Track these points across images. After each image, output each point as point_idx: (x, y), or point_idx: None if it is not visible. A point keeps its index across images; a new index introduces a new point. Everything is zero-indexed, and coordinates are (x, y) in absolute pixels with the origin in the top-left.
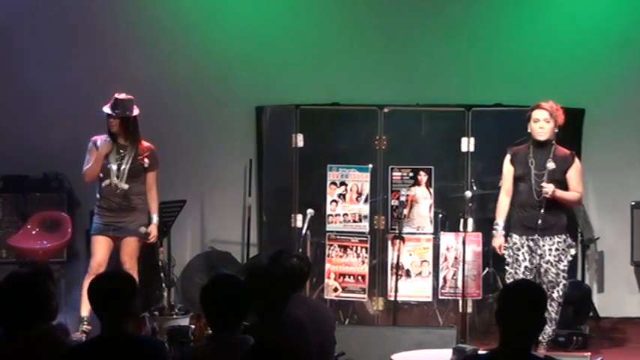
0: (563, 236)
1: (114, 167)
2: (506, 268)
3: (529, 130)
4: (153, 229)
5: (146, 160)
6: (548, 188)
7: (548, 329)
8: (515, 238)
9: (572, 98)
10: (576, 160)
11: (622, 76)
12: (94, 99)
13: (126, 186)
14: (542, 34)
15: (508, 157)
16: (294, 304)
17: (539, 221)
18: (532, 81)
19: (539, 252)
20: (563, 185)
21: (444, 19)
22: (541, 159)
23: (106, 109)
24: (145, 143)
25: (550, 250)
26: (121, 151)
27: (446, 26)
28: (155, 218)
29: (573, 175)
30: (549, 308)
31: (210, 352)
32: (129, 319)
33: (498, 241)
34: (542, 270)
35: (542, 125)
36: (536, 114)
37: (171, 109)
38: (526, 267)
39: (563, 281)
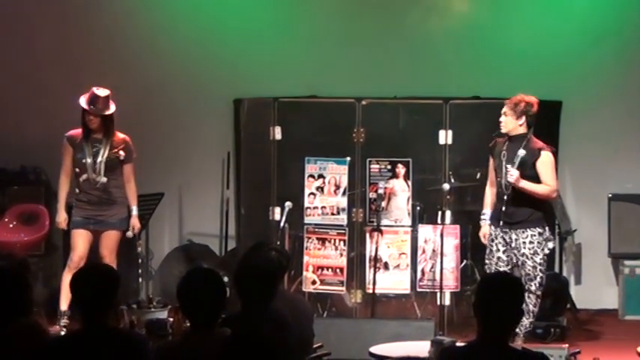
0: (539, 229)
1: (89, 161)
2: (487, 260)
3: None
4: (134, 222)
5: (121, 152)
6: (513, 172)
7: (526, 321)
8: (492, 229)
9: (550, 90)
10: (544, 153)
11: (599, 69)
12: (71, 92)
13: (104, 179)
14: (519, 27)
15: (490, 147)
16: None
17: (508, 214)
18: (510, 74)
19: (513, 245)
20: (534, 180)
21: (422, 12)
22: (512, 152)
23: (84, 104)
24: (120, 135)
25: (524, 243)
26: (96, 144)
27: (424, 19)
28: (135, 210)
29: (541, 168)
30: (527, 300)
31: (186, 347)
32: (111, 313)
33: (483, 230)
34: (519, 263)
35: (501, 119)
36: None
37: (148, 102)
38: (499, 257)
39: (540, 274)
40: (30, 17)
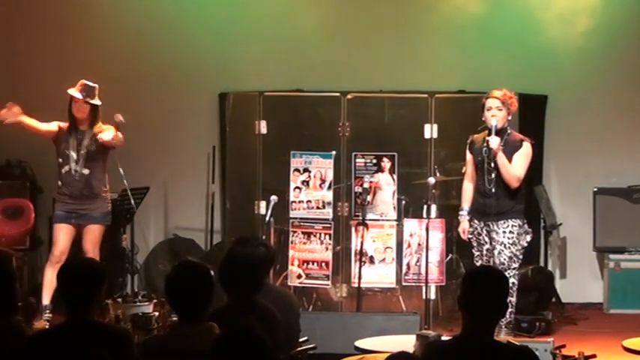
0: (519, 221)
1: (73, 154)
2: (473, 251)
3: (483, 119)
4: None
5: (100, 135)
6: (495, 139)
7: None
8: (475, 223)
9: (535, 85)
10: (525, 144)
11: (585, 63)
12: (56, 85)
13: (86, 171)
14: (505, 20)
15: (468, 144)
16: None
17: (491, 207)
18: (495, 68)
19: (494, 236)
20: None
21: (408, 6)
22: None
23: (75, 93)
24: (103, 125)
25: (504, 232)
26: (79, 136)
27: (409, 13)
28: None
29: (518, 156)
30: None
31: (174, 341)
32: (96, 307)
33: (462, 225)
34: (495, 252)
35: (494, 113)
36: (489, 102)
37: (133, 96)
38: (487, 249)
39: (515, 265)
40: (14, 10)
